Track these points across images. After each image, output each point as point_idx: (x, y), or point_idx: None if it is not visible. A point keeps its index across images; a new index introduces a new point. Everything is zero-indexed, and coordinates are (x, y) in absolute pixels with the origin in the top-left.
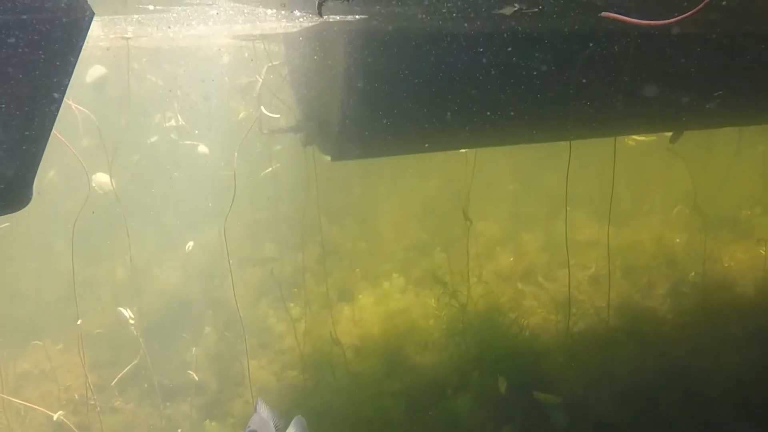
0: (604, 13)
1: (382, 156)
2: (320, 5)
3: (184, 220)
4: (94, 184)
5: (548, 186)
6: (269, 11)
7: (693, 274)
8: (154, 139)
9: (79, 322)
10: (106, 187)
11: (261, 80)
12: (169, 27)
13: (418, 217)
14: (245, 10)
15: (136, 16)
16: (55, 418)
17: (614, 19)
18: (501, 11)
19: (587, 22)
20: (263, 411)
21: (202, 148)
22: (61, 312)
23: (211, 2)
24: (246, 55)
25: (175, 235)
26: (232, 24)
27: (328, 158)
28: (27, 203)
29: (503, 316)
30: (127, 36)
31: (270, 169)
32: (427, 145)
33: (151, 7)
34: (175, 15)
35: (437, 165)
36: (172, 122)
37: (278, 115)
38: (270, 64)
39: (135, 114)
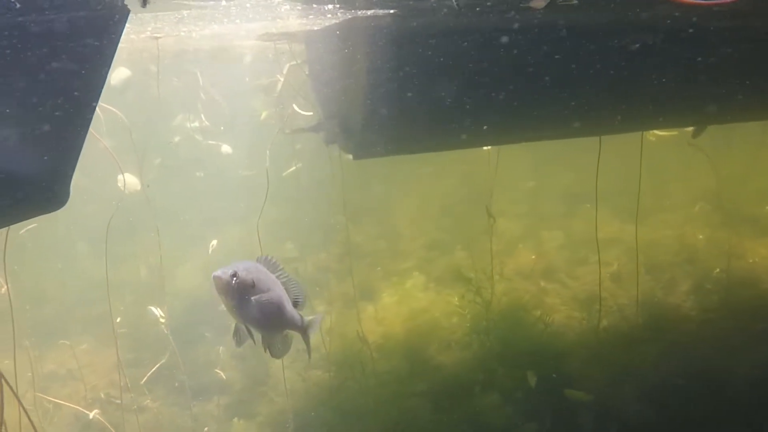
0: None
1: (404, 154)
2: None
3: (208, 220)
4: (120, 185)
5: (566, 183)
6: (299, 7)
7: (717, 270)
8: (177, 139)
9: (118, 320)
10: (134, 187)
11: (282, 79)
12: (196, 25)
13: (438, 215)
14: (271, 5)
15: (166, 13)
16: (91, 417)
17: None
18: (530, 5)
19: (625, 14)
20: (269, 263)
21: (226, 148)
22: (86, 312)
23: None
24: (270, 55)
25: (199, 235)
26: (256, 21)
27: (350, 157)
28: (64, 203)
29: (527, 314)
30: (156, 36)
31: (293, 168)
32: (451, 143)
33: (192, 2)
34: (207, 11)
35: (457, 163)
36: (195, 123)
37: (311, 113)
38: (292, 63)
39: (159, 114)
